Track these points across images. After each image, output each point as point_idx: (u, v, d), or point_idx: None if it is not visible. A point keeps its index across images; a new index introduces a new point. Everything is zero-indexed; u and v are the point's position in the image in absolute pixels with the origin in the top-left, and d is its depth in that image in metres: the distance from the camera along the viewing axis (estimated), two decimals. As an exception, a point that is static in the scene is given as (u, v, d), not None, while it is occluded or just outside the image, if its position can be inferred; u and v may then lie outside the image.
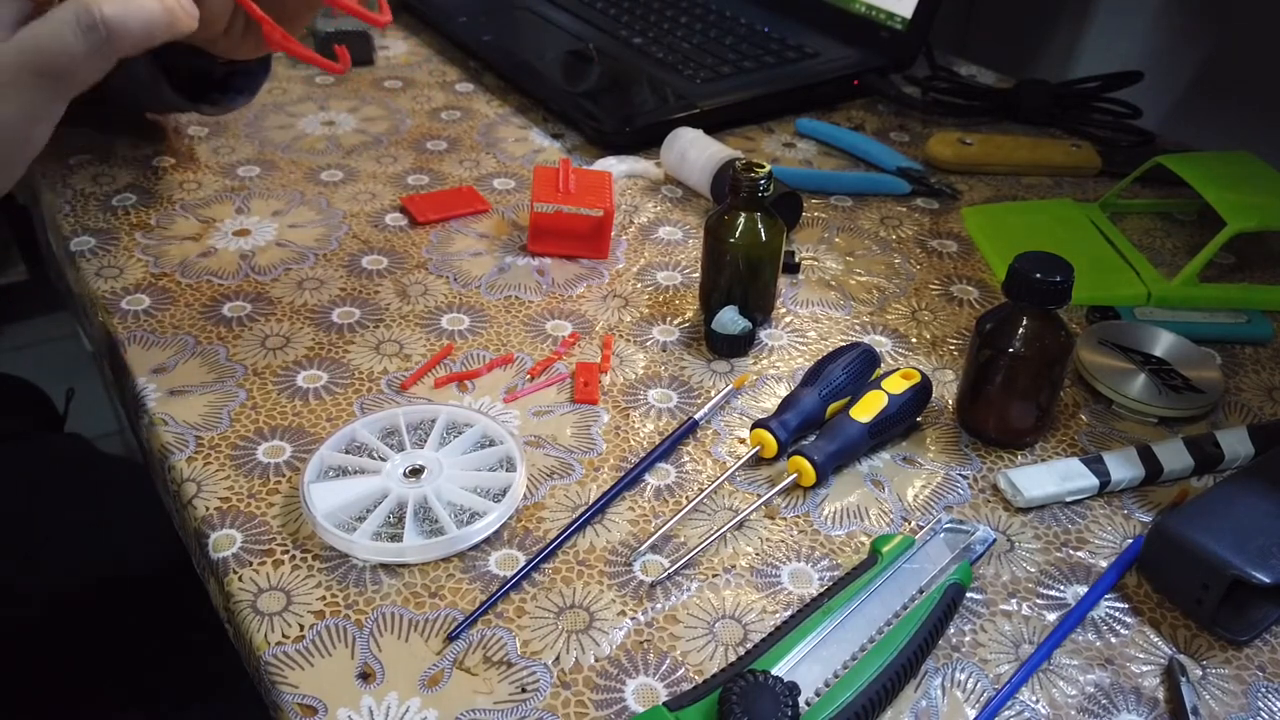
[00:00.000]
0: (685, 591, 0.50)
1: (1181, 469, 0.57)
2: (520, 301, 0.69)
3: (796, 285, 0.72)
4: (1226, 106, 1.00)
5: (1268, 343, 0.68)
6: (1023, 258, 0.55)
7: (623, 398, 0.61)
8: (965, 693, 0.46)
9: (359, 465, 0.55)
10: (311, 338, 0.64)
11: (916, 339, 0.67)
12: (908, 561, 0.50)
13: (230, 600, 0.49)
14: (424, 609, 0.48)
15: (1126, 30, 1.07)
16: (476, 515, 0.52)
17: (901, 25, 0.95)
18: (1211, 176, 0.72)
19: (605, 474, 0.56)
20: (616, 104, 0.89)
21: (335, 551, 0.51)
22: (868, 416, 0.56)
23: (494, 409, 0.60)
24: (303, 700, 0.44)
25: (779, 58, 0.96)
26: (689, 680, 0.46)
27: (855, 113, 0.95)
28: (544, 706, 0.45)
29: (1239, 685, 0.47)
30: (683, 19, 1.03)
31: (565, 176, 0.72)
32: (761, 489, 0.56)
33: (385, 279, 0.70)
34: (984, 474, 0.57)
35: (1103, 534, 0.54)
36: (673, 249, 0.75)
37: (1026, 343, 0.55)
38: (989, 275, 0.74)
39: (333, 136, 0.87)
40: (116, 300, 0.67)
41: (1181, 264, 0.74)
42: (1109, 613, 0.50)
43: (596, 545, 0.52)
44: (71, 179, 0.79)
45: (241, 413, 0.59)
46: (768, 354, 0.65)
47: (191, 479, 0.54)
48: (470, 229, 0.76)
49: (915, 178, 0.83)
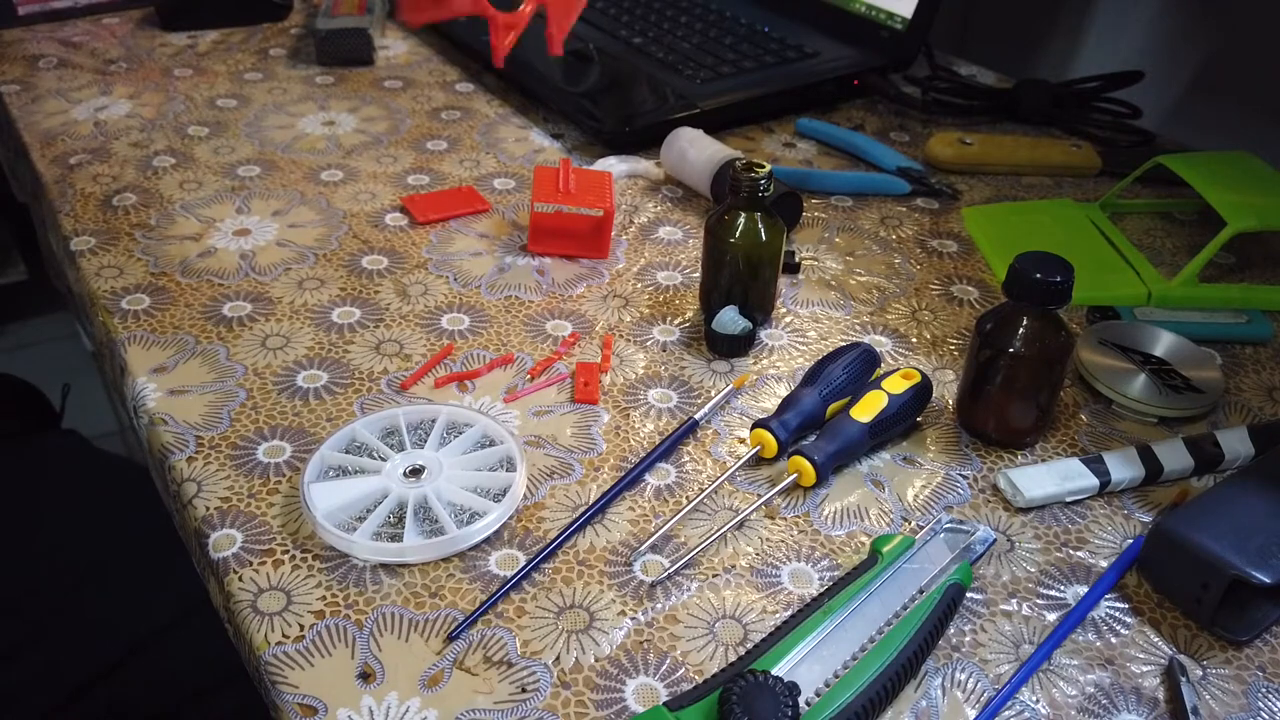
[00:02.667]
0: (685, 591, 0.50)
1: (1182, 469, 0.57)
2: (520, 301, 0.69)
3: (796, 285, 0.72)
4: (1226, 106, 1.00)
5: (1268, 343, 0.68)
6: (1023, 258, 0.55)
7: (623, 398, 0.61)
8: (965, 693, 0.46)
9: (359, 465, 0.55)
10: (311, 337, 0.64)
11: (916, 339, 0.67)
12: (908, 561, 0.50)
13: (230, 600, 0.49)
14: (424, 609, 0.48)
15: (1126, 30, 1.07)
16: (476, 515, 0.52)
17: (901, 25, 0.95)
18: (1211, 176, 0.72)
19: (605, 474, 0.56)
20: (616, 104, 0.89)
21: (335, 551, 0.51)
22: (868, 416, 0.56)
23: (494, 409, 0.60)
24: (303, 700, 0.44)
25: (779, 58, 0.96)
26: (689, 680, 0.46)
27: (855, 113, 0.95)
28: (544, 706, 0.45)
29: (1239, 685, 0.47)
30: (683, 19, 1.03)
31: (565, 176, 0.72)
32: (762, 489, 0.56)
33: (385, 279, 0.70)
34: (984, 474, 0.57)
35: (1103, 534, 0.54)
36: (673, 249, 0.75)
37: (1027, 343, 0.55)
38: (989, 275, 0.74)
39: (333, 136, 0.87)
40: (117, 300, 0.67)
41: (1181, 264, 0.74)
42: (1109, 613, 0.50)
43: (597, 545, 0.52)
44: (72, 179, 0.79)
45: (241, 413, 0.59)
46: (768, 354, 0.65)
47: (191, 479, 0.54)
48: (470, 229, 0.76)
49: (915, 178, 0.83)
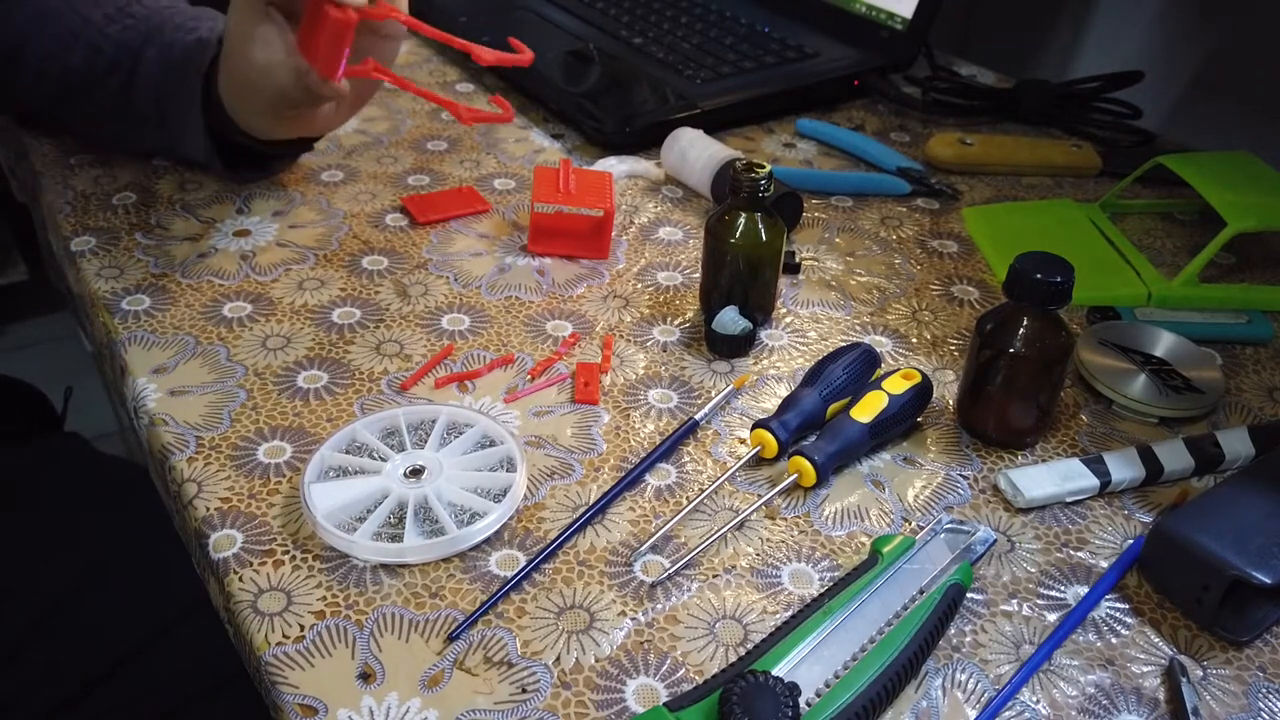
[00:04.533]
0: (686, 592, 0.50)
1: (1182, 469, 0.57)
2: (520, 302, 0.69)
3: (797, 285, 0.72)
4: (1226, 106, 1.00)
5: (1268, 343, 0.68)
6: (1023, 258, 0.55)
7: (623, 398, 0.61)
8: (966, 693, 0.46)
9: (359, 465, 0.55)
10: (312, 338, 0.64)
11: (917, 339, 0.67)
12: (908, 562, 0.50)
13: (230, 600, 0.49)
14: (424, 609, 0.48)
15: (1126, 30, 1.07)
16: (477, 515, 0.52)
17: (901, 25, 0.95)
18: (1212, 176, 0.72)
19: (606, 474, 0.56)
20: (617, 104, 0.89)
21: (335, 552, 0.51)
22: (868, 417, 0.56)
23: (494, 409, 0.60)
24: (303, 700, 0.44)
25: (779, 58, 0.96)
26: (689, 681, 0.46)
27: (855, 113, 0.95)
28: (544, 707, 0.45)
29: (1239, 686, 0.47)
30: (683, 19, 1.03)
31: (566, 176, 0.72)
32: (762, 489, 0.56)
33: (386, 279, 0.70)
34: (984, 474, 0.57)
35: (1103, 534, 0.54)
36: (673, 249, 0.75)
37: (1027, 343, 0.55)
38: (989, 275, 0.74)
39: (333, 137, 0.87)
40: (117, 300, 0.67)
41: (1182, 264, 0.74)
42: (1109, 613, 0.50)
43: (597, 545, 0.52)
44: (72, 179, 0.79)
45: (242, 413, 0.59)
46: (768, 354, 0.65)
47: (192, 479, 0.54)
48: (470, 229, 0.76)
49: (915, 178, 0.83)
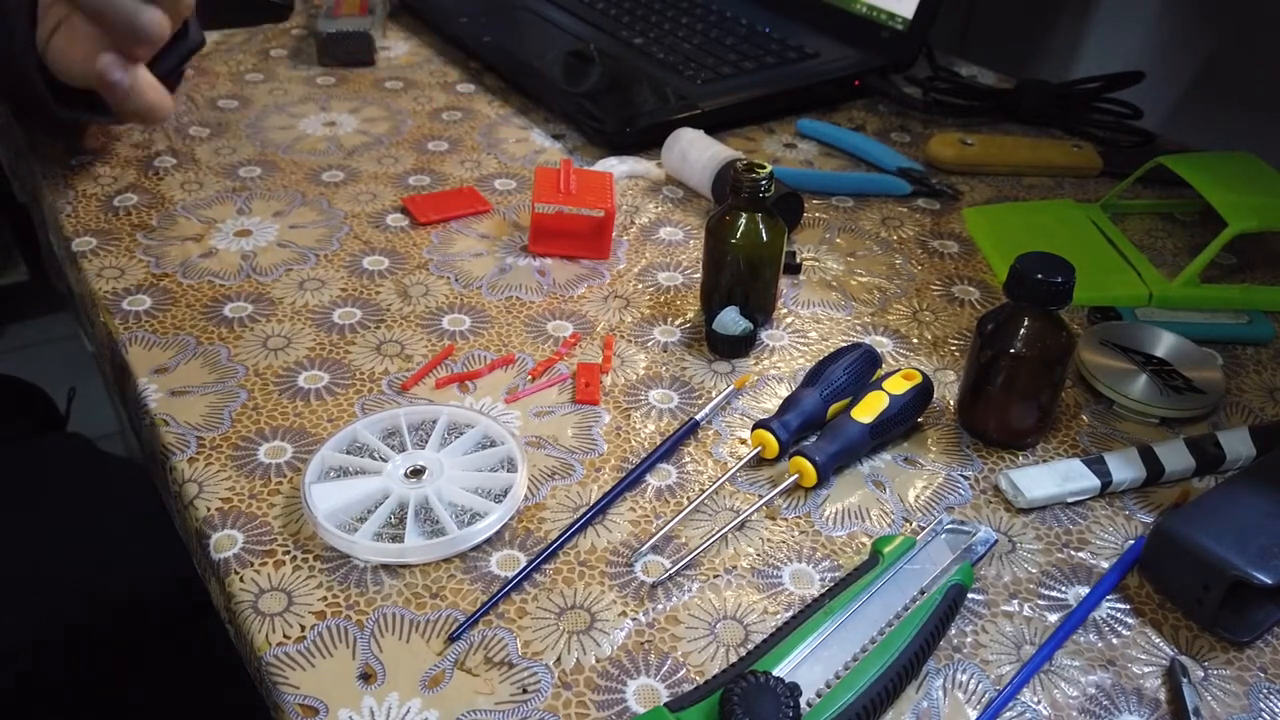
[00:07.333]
0: (686, 592, 0.50)
1: (1183, 470, 0.57)
2: (521, 302, 0.69)
3: (797, 286, 0.72)
4: (1227, 106, 1.00)
5: (1269, 343, 0.68)
6: (1024, 258, 0.55)
7: (624, 398, 0.61)
8: (966, 694, 0.46)
9: (360, 466, 0.55)
10: (312, 338, 0.64)
11: (918, 339, 0.67)
12: (909, 562, 0.50)
13: (231, 601, 0.49)
14: (425, 609, 0.48)
15: (1126, 30, 1.07)
16: (478, 516, 0.52)
17: (902, 25, 0.95)
18: (1212, 177, 0.72)
19: (606, 474, 0.56)
20: (617, 104, 0.89)
21: (336, 552, 0.51)
22: (869, 417, 0.56)
23: (495, 409, 0.60)
24: (304, 701, 0.44)
25: (779, 58, 0.96)
26: (690, 681, 0.46)
27: (856, 113, 0.95)
28: (545, 707, 0.45)
29: (1240, 686, 0.47)
30: (683, 19, 1.03)
31: (566, 177, 0.72)
32: (763, 489, 0.56)
33: (386, 279, 0.70)
34: (985, 475, 0.57)
35: (1104, 535, 0.54)
36: (674, 249, 0.75)
37: (1028, 343, 0.55)
38: (990, 276, 0.74)
39: (334, 137, 0.87)
40: (118, 301, 0.67)
41: (1183, 264, 0.74)
42: (1110, 614, 0.50)
43: (598, 546, 0.52)
44: (73, 179, 0.79)
45: (243, 413, 0.59)
46: (769, 354, 0.65)
47: (193, 480, 0.54)
48: (471, 229, 0.76)
49: (916, 178, 0.83)
